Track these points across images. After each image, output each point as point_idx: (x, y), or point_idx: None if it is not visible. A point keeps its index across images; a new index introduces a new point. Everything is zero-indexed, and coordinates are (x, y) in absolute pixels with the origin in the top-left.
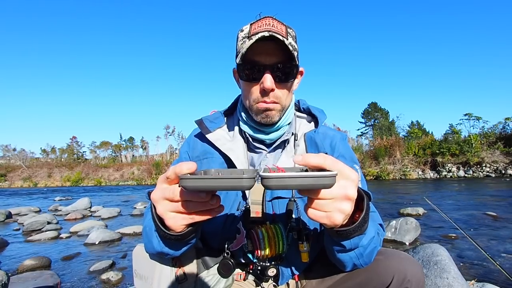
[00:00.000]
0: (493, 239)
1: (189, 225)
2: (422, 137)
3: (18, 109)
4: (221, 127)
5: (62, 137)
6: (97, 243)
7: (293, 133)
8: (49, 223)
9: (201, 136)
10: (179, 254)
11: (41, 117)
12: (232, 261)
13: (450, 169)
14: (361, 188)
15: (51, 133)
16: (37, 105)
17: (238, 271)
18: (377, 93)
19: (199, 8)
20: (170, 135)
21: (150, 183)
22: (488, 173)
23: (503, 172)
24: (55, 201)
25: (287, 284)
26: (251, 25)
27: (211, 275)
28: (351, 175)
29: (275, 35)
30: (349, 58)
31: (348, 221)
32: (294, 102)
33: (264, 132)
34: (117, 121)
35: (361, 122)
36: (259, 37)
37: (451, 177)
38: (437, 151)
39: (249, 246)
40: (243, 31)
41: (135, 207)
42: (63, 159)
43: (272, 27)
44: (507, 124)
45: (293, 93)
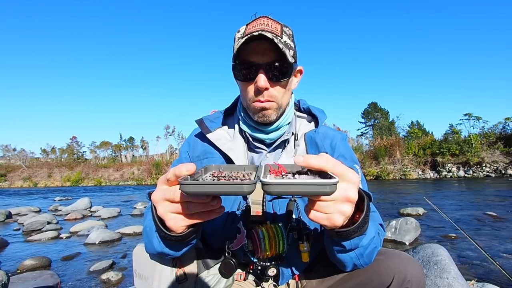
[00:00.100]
0: (493, 239)
1: (190, 226)
2: (422, 137)
3: (18, 109)
4: (221, 127)
5: (62, 137)
6: (97, 243)
7: (293, 133)
8: (49, 223)
9: (201, 135)
10: (180, 254)
11: (41, 117)
12: (234, 260)
13: (450, 169)
14: (361, 188)
15: (51, 133)
16: (37, 105)
17: (238, 271)
18: (377, 93)
19: (199, 8)
20: (170, 135)
21: (150, 183)
22: (488, 173)
23: (503, 172)
24: (55, 201)
25: (287, 284)
26: (247, 25)
27: (212, 275)
28: (352, 178)
29: (264, 34)
30: (349, 58)
31: (348, 221)
32: (294, 101)
33: (263, 131)
34: (117, 121)
35: (361, 122)
36: (248, 37)
37: (451, 177)
38: (437, 151)
39: (250, 245)
40: (239, 31)
41: (135, 207)
42: (63, 159)
43: (266, 26)
44: (507, 124)
45: (292, 92)
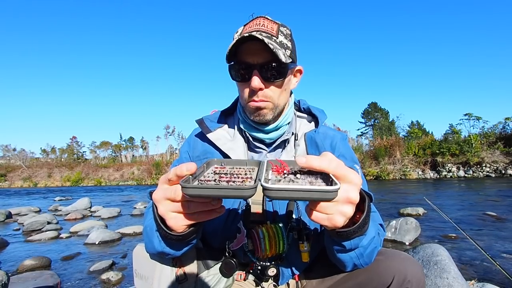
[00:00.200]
0: (493, 239)
1: (190, 226)
2: (422, 137)
3: (18, 109)
4: (221, 127)
5: (62, 137)
6: (97, 243)
7: (293, 133)
8: (49, 223)
9: (201, 135)
10: (180, 254)
11: (41, 117)
12: (234, 260)
13: (450, 169)
14: (362, 189)
15: (51, 133)
16: (37, 105)
17: (238, 271)
18: (377, 93)
19: (199, 8)
20: (170, 135)
21: (150, 183)
22: (488, 173)
23: (503, 172)
24: (55, 201)
25: (287, 284)
26: (244, 26)
27: (212, 275)
28: (354, 179)
29: (254, 35)
30: (349, 58)
31: (348, 222)
32: (293, 101)
33: (263, 131)
34: (117, 121)
35: (361, 122)
36: (238, 39)
37: (451, 177)
38: (437, 151)
39: (250, 245)
40: (237, 32)
41: (135, 207)
42: (63, 159)
43: (261, 26)
44: (507, 124)
45: (290, 92)
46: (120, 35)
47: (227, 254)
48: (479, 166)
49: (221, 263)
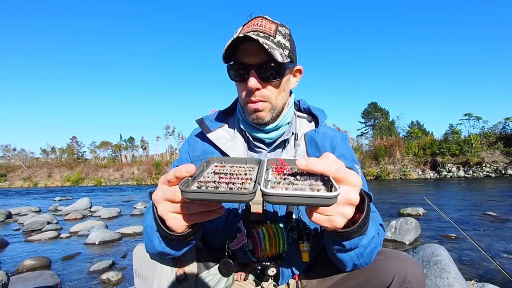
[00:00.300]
0: (493, 239)
1: (190, 226)
2: (422, 137)
3: (18, 109)
4: (221, 127)
5: (62, 137)
6: (97, 243)
7: (293, 133)
8: (49, 223)
9: (201, 135)
10: (180, 254)
11: (41, 117)
12: (233, 260)
13: (450, 169)
14: (362, 189)
15: (51, 133)
16: (37, 105)
17: (238, 271)
18: (377, 93)
19: (199, 8)
20: (170, 135)
21: (150, 183)
22: (488, 173)
23: (503, 172)
24: (55, 201)
25: (287, 284)
26: (243, 26)
27: (212, 275)
28: (355, 181)
29: (249, 36)
30: (349, 58)
31: (348, 222)
32: (293, 101)
33: (263, 131)
34: (117, 121)
35: (361, 122)
36: (233, 40)
37: (451, 177)
38: (437, 151)
39: (250, 245)
40: (236, 32)
41: (135, 207)
42: (63, 159)
43: (259, 27)
44: (507, 124)
45: (290, 92)
46: (120, 35)
47: (226, 253)
48: (479, 166)
49: (219, 263)
